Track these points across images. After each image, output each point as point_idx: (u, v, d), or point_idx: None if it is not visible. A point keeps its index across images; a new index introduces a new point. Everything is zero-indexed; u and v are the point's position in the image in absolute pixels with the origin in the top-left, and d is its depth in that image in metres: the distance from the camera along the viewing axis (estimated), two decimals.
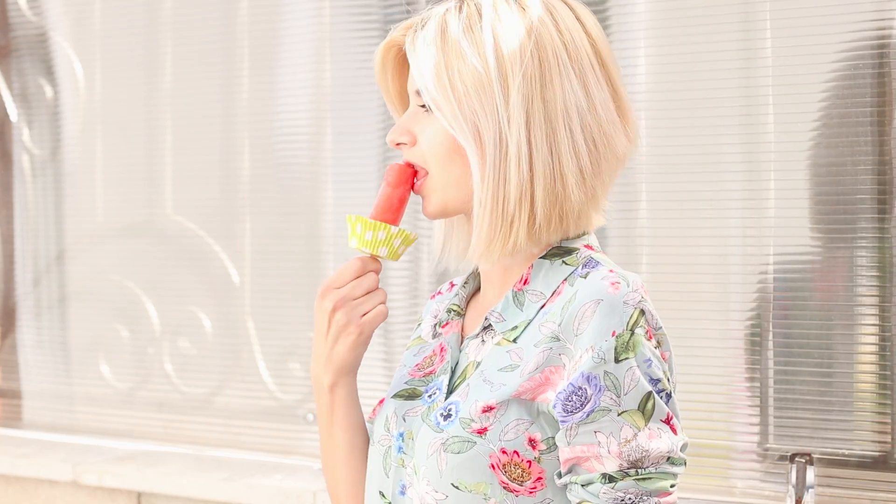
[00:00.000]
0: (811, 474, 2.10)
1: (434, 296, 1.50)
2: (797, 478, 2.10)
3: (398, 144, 1.34)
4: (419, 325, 1.50)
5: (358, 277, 1.34)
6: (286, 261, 2.67)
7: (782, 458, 2.14)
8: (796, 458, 2.11)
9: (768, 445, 2.16)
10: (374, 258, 1.36)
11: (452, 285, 1.49)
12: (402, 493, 1.33)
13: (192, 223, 2.79)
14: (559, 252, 1.32)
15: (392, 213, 1.35)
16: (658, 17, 2.24)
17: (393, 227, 1.34)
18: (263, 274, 2.70)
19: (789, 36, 2.11)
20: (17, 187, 3.01)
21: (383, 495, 1.36)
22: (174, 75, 2.80)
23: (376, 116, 2.56)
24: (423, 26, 1.31)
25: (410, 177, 1.34)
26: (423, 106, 1.32)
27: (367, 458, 1.42)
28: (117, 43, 2.88)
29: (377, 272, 1.36)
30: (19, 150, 3.00)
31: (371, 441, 1.40)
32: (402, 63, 1.38)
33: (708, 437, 2.21)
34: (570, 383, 1.22)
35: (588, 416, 1.21)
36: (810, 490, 2.09)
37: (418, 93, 1.32)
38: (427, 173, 1.33)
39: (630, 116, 1.32)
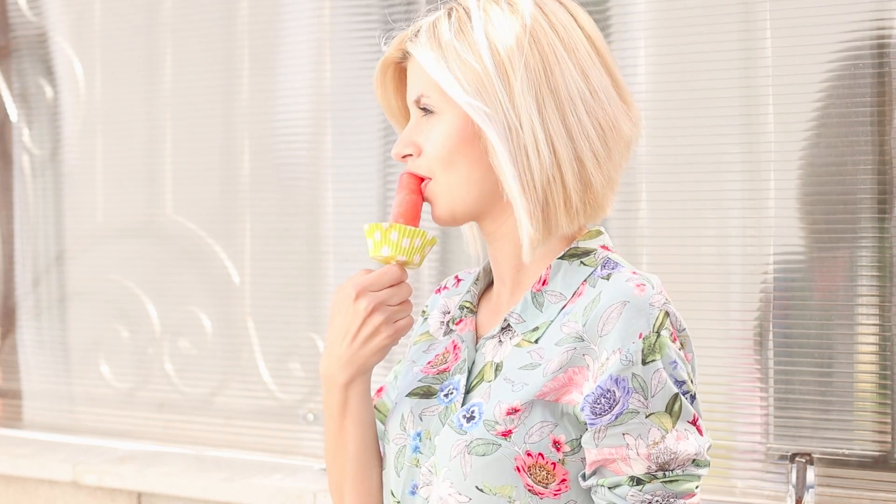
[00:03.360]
0: (811, 474, 2.10)
1: (440, 290, 1.51)
2: (797, 478, 2.10)
3: (404, 157, 1.35)
4: (424, 319, 1.50)
5: (396, 285, 1.34)
6: (286, 261, 2.67)
7: (782, 457, 2.14)
8: (796, 458, 2.11)
9: (769, 445, 2.16)
10: (403, 267, 1.34)
11: (458, 279, 1.49)
12: (413, 493, 1.33)
13: (192, 223, 2.79)
14: (577, 253, 1.33)
15: (418, 219, 1.33)
16: (658, 17, 2.24)
17: (427, 233, 1.33)
18: (263, 274, 2.70)
19: (789, 36, 2.11)
20: (17, 187, 3.01)
21: (393, 494, 1.37)
22: (174, 75, 2.80)
23: (376, 116, 2.56)
24: (415, 36, 1.33)
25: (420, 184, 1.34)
26: (424, 109, 1.33)
27: (374, 454, 1.42)
28: (117, 43, 2.88)
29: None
30: (19, 150, 3.00)
31: (385, 440, 1.41)
32: (400, 78, 1.39)
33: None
34: (599, 386, 1.22)
35: (617, 418, 1.22)
36: (810, 490, 2.09)
37: (418, 101, 1.33)
38: (432, 179, 1.33)
39: (631, 101, 1.33)
